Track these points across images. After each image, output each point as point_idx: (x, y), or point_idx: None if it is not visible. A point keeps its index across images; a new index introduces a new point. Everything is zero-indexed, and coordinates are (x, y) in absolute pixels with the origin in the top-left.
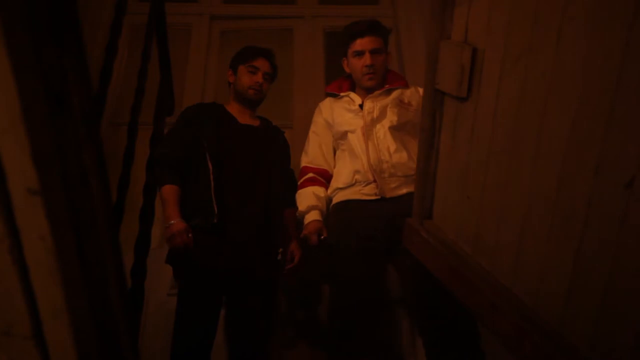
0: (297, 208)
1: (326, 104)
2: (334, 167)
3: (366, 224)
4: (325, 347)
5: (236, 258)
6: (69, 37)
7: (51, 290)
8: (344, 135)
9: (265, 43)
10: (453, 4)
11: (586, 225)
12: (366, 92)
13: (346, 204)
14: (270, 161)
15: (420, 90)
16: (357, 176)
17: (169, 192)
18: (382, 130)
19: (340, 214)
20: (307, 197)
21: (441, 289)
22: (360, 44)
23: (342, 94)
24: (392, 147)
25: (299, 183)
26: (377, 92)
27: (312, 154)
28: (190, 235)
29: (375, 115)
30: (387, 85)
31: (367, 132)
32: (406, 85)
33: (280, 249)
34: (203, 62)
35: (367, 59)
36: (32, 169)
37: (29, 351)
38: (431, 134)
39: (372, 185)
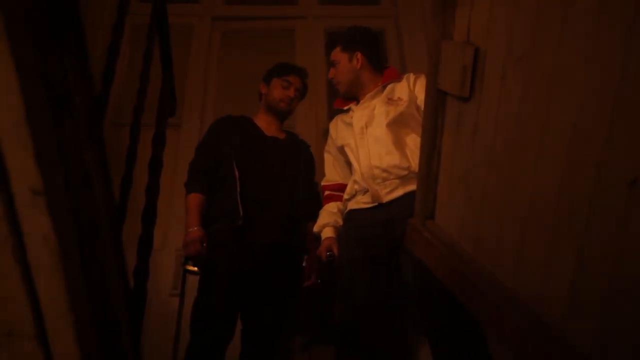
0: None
1: (333, 123)
2: None
3: (365, 233)
4: (332, 351)
5: (256, 262)
6: (71, 39)
7: (54, 290)
8: (342, 149)
9: (266, 44)
10: (455, 4)
11: (588, 225)
12: (363, 96)
13: (351, 214)
14: (294, 172)
15: (412, 77)
16: (355, 186)
17: (191, 200)
18: (373, 135)
19: (346, 224)
20: (321, 217)
21: (445, 288)
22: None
23: (345, 107)
24: (383, 150)
25: None
26: (369, 95)
27: (328, 172)
28: (204, 244)
29: (363, 123)
30: (380, 83)
31: (358, 141)
32: (399, 78)
33: (306, 256)
34: (204, 63)
35: (329, 74)
36: (35, 170)
37: (32, 351)
38: (433, 134)
39: (368, 193)
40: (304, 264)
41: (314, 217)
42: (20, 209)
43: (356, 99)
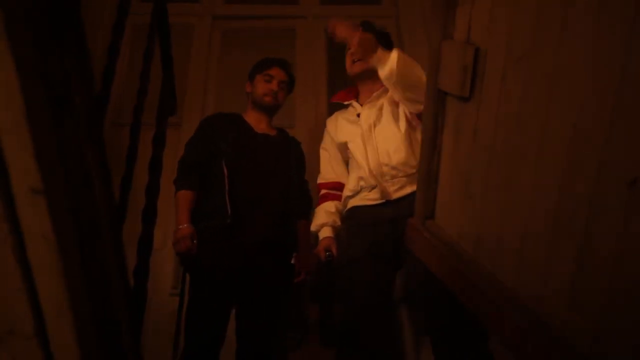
0: (310, 221)
1: (332, 119)
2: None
3: (371, 230)
4: (335, 345)
5: (248, 260)
6: (71, 38)
7: (54, 289)
8: (345, 145)
9: (267, 43)
10: (455, 4)
11: (588, 225)
12: (368, 93)
13: (353, 211)
14: (285, 169)
15: None
16: (361, 182)
17: (182, 197)
18: (381, 133)
19: (348, 221)
20: (318, 216)
21: (445, 288)
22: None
23: (346, 102)
24: (392, 147)
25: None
26: (376, 94)
27: (323, 170)
28: (195, 241)
29: (372, 121)
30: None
31: (366, 138)
32: None
33: (295, 254)
34: (205, 62)
35: (352, 48)
36: (35, 169)
37: (32, 350)
38: (433, 134)
39: (376, 189)
40: (292, 261)
41: (305, 214)
42: (21, 208)
43: (356, 93)
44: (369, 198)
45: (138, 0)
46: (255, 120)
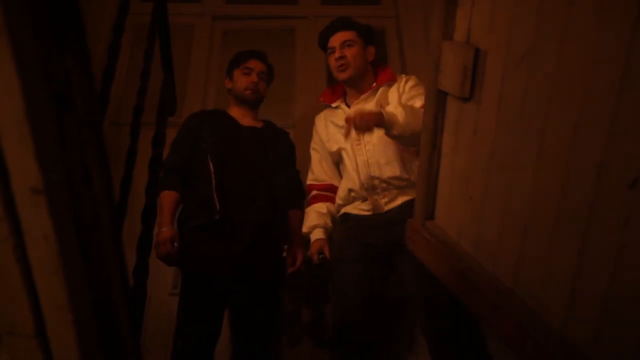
0: (302, 210)
1: (321, 120)
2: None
3: (365, 232)
4: (329, 346)
5: (239, 257)
6: (72, 37)
7: (54, 289)
8: (336, 153)
9: (267, 43)
10: (455, 4)
11: (589, 226)
12: (356, 93)
13: (348, 215)
14: (274, 161)
15: (403, 80)
16: (352, 194)
17: (165, 198)
18: (370, 142)
19: (342, 224)
20: (310, 217)
21: (446, 289)
22: (331, 41)
23: (333, 104)
24: (383, 159)
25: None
26: (364, 96)
27: (315, 171)
28: (175, 244)
29: None
30: (374, 85)
31: (356, 148)
32: (391, 82)
33: (286, 246)
34: (205, 62)
35: (337, 53)
36: (35, 169)
37: (32, 350)
38: (434, 134)
39: (368, 202)
40: (283, 254)
41: (297, 204)
42: (21, 208)
43: (344, 91)
44: (361, 208)
45: (138, 0)
46: (240, 115)
